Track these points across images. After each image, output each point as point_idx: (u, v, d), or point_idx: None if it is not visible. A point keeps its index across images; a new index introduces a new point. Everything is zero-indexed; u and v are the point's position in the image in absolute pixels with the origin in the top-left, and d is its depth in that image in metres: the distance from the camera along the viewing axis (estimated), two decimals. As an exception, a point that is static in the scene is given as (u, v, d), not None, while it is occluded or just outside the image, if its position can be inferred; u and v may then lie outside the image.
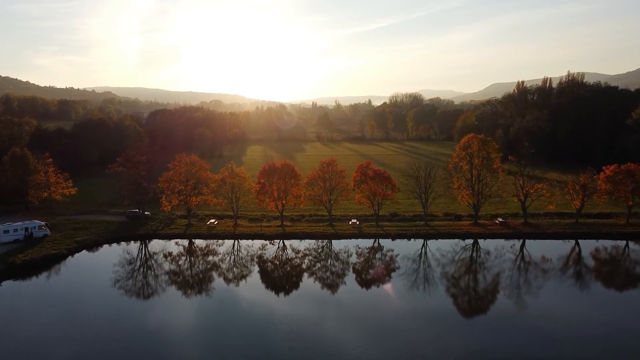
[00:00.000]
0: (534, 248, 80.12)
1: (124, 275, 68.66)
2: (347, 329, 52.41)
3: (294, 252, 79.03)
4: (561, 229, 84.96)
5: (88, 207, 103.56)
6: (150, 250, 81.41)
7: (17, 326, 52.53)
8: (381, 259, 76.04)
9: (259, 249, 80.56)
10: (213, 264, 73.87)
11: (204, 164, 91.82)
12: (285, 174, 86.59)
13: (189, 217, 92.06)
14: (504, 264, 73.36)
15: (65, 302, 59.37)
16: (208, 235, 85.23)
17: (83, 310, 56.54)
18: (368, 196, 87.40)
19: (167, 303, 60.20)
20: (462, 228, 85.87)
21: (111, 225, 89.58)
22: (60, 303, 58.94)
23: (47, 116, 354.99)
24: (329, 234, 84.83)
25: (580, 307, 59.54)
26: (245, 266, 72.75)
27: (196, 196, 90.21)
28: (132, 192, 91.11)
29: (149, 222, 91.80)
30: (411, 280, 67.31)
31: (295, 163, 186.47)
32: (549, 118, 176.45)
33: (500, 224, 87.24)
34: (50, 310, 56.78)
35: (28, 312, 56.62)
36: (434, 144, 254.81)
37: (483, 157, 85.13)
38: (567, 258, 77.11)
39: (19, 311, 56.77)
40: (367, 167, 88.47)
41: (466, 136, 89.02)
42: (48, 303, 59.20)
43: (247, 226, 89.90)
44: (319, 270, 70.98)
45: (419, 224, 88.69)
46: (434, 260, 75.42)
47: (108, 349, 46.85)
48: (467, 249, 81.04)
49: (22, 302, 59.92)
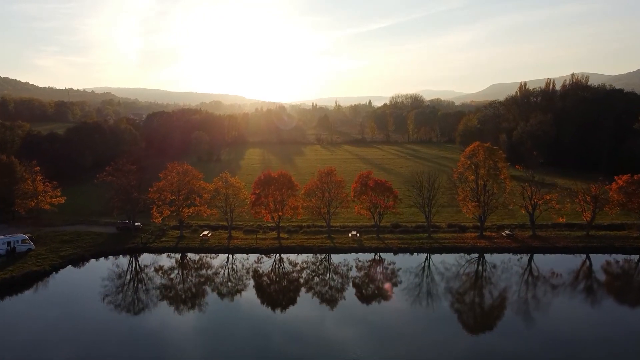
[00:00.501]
0: (542, 263, 76.08)
1: (110, 294, 64.56)
2: (347, 347, 49.66)
3: (291, 266, 75.11)
4: (571, 242, 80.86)
5: (78, 217, 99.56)
6: (139, 264, 77.39)
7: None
8: (383, 274, 72.02)
9: (255, 262, 76.73)
10: (204, 282, 69.74)
11: (196, 173, 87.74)
12: (282, 184, 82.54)
13: (181, 229, 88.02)
14: (511, 279, 69.52)
15: (46, 323, 55.51)
16: (200, 249, 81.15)
17: (65, 332, 52.98)
18: (369, 207, 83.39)
19: (156, 323, 56.27)
20: (468, 241, 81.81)
21: (99, 238, 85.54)
22: (41, 324, 55.02)
23: (44, 118, 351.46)
24: (328, 247, 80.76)
25: (592, 326, 55.89)
26: (239, 283, 68.74)
27: (189, 207, 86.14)
28: (121, 203, 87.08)
29: (140, 234, 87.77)
30: (414, 296, 64.14)
31: (294, 167, 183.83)
32: (553, 122, 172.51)
33: (507, 236, 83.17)
34: (29, 333, 52.84)
35: (5, 334, 52.74)
36: (435, 147, 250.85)
37: (489, 167, 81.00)
38: (578, 274, 73.08)
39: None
40: (368, 177, 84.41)
41: (471, 145, 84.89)
42: (26, 325, 55.18)
43: (242, 238, 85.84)
44: (317, 286, 67.00)
45: (422, 237, 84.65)
46: (438, 275, 71.71)
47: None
48: (473, 263, 77.16)
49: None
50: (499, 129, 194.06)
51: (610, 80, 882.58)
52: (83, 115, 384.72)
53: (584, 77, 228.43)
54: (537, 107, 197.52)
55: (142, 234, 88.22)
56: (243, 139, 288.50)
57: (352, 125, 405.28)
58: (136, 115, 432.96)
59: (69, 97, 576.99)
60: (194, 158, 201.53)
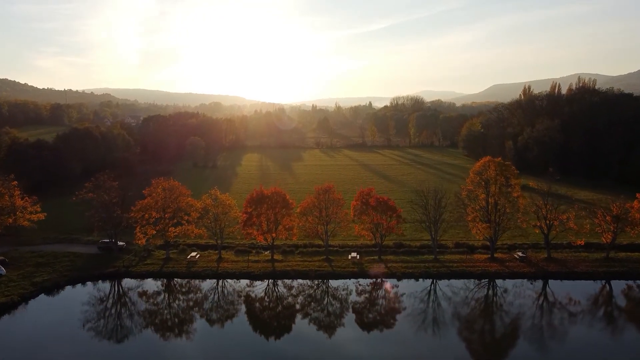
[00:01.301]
0: (559, 290, 69.52)
1: (85, 328, 58.21)
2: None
3: (285, 294, 68.68)
4: (590, 265, 74.22)
5: (59, 234, 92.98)
6: (120, 291, 70.95)
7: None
8: (386, 309, 65.64)
9: (246, 286, 70.52)
10: (190, 320, 63.33)
11: (183, 190, 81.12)
12: (275, 202, 76.04)
13: (167, 251, 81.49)
14: (526, 311, 63.06)
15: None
16: (187, 274, 74.47)
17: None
18: (370, 228, 76.90)
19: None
20: (478, 265, 75.21)
21: (79, 260, 79.02)
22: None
23: (38, 121, 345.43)
24: (325, 272, 74.11)
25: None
26: (226, 318, 62.40)
27: (175, 226, 79.61)
28: (102, 222, 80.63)
29: (123, 255, 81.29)
30: (418, 323, 59.11)
31: (292, 175, 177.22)
32: (560, 128, 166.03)
33: (521, 259, 76.62)
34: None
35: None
36: (438, 152, 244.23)
37: (501, 184, 74.45)
38: (597, 301, 66.74)
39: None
40: (369, 194, 77.85)
41: (481, 160, 78.16)
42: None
43: (233, 261, 79.26)
44: (314, 323, 60.63)
45: (428, 259, 78.07)
46: (446, 302, 65.56)
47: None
48: (483, 287, 70.85)
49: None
50: (504, 134, 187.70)
51: (611, 80, 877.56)
52: (80, 118, 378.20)
53: (591, 80, 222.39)
54: (542, 111, 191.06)
55: (125, 255, 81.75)
56: (241, 143, 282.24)
57: (352, 127, 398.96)
58: (134, 118, 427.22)
59: (66, 99, 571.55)
60: (190, 164, 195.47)
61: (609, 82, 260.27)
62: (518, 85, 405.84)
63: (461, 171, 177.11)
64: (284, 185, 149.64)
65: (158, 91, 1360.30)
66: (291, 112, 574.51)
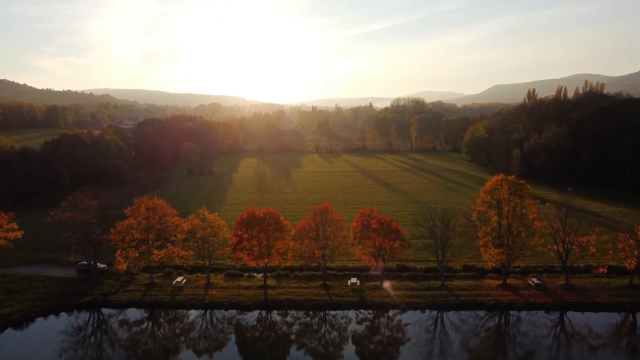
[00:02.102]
0: (578, 321, 63.14)
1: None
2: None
3: (278, 328, 62.35)
4: (613, 295, 67.53)
5: (37, 254, 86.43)
6: (97, 324, 64.50)
7: None
8: (389, 338, 59.28)
9: (237, 314, 64.10)
10: (177, 344, 57.08)
11: (168, 209, 74.68)
12: (268, 225, 69.51)
13: (151, 275, 74.95)
14: (540, 340, 56.67)
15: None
16: (171, 304, 67.80)
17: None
18: (371, 252, 70.47)
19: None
20: (489, 293, 68.63)
21: (55, 285, 72.57)
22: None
23: (33, 124, 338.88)
24: (322, 302, 67.49)
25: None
26: (217, 342, 56.08)
27: (159, 249, 73.18)
28: (80, 244, 74.24)
29: (103, 280, 74.89)
30: (424, 355, 54.22)
31: (290, 182, 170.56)
32: (568, 134, 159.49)
33: (536, 286, 70.09)
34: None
35: None
36: (440, 157, 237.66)
37: (515, 205, 67.92)
38: (621, 337, 60.38)
39: None
40: (370, 215, 71.33)
41: (493, 178, 71.56)
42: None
43: (222, 287, 72.62)
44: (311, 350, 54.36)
45: (435, 285, 71.53)
46: (453, 330, 59.41)
47: None
48: (495, 317, 64.56)
49: None
50: (509, 140, 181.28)
51: (612, 81, 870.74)
52: (76, 121, 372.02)
53: (599, 84, 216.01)
54: (549, 116, 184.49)
55: (105, 279, 75.30)
56: (239, 147, 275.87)
57: (352, 129, 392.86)
58: (132, 120, 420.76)
59: (63, 101, 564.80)
60: (185, 170, 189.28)
61: (610, 83, 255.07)
62: (518, 86, 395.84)
63: (465, 179, 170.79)
64: (281, 195, 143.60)
65: (158, 91, 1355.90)
66: (291, 113, 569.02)
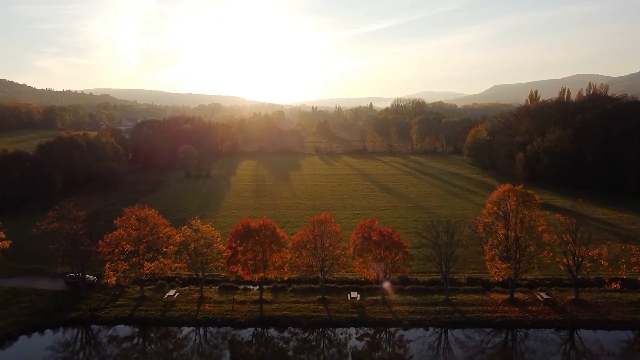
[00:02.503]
0: (589, 338, 59.96)
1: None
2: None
3: (275, 345, 59.16)
4: (626, 312, 64.09)
5: (25, 264, 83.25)
6: (83, 342, 61.27)
7: None
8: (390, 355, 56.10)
9: (231, 332, 60.82)
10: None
11: (160, 220, 71.51)
12: (264, 237, 66.30)
13: (142, 289, 71.75)
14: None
15: None
16: (162, 321, 64.66)
17: None
18: (372, 266, 67.24)
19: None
20: (496, 309, 65.37)
21: (41, 300, 69.41)
22: None
23: (30, 125, 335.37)
24: (321, 319, 64.19)
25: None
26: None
27: (150, 261, 70.01)
28: (68, 256, 71.04)
29: (92, 293, 71.73)
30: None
31: (289, 185, 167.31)
32: (573, 138, 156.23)
33: (545, 301, 66.86)
34: None
35: None
36: (441, 160, 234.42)
37: (523, 217, 64.68)
38: (635, 357, 57.11)
39: None
40: (371, 227, 68.16)
41: (500, 188, 68.37)
42: None
43: (216, 302, 69.38)
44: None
45: (438, 300, 68.30)
46: (458, 346, 55.91)
47: None
48: (502, 334, 61.39)
49: None
50: (512, 143, 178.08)
51: (613, 81, 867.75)
52: (75, 122, 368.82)
53: (603, 86, 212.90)
54: (552, 118, 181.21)
55: (94, 292, 72.15)
56: (238, 148, 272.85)
57: (352, 130, 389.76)
58: (131, 120, 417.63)
59: (62, 101, 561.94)
60: (182, 173, 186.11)
61: (611, 83, 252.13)
62: (518, 86, 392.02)
63: (467, 183, 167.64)
64: (280, 200, 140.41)
65: (158, 91, 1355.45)
66: (291, 113, 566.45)
